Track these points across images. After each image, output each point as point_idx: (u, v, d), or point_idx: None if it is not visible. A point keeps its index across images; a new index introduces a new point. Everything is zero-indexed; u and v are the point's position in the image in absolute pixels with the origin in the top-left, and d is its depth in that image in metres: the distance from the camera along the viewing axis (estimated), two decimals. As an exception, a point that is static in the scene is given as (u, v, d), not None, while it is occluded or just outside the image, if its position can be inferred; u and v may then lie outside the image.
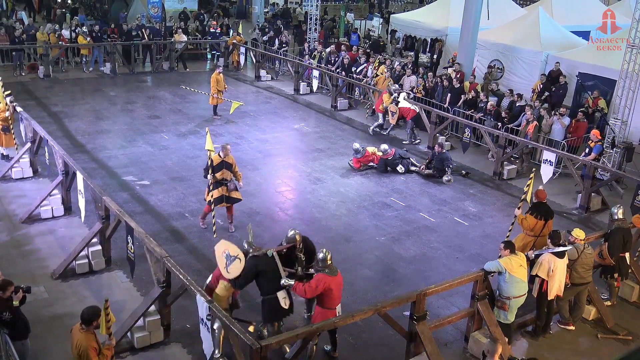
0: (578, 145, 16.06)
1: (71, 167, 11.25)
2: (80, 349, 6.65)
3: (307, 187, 14.29)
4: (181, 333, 8.88)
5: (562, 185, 15.30)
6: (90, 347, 6.69)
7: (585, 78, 18.18)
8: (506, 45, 20.73)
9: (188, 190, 13.60)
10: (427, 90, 19.74)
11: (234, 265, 8.04)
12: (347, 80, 21.14)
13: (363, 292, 10.23)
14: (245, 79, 24.56)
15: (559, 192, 14.77)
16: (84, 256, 10.27)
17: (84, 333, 6.74)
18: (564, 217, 13.58)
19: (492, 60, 21.04)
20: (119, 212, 9.49)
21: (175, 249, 11.07)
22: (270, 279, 8.16)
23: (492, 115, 17.24)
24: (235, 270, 8.04)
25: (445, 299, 10.09)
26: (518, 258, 8.59)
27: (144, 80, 23.44)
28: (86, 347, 6.65)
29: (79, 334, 6.75)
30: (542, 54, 19.87)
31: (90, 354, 6.67)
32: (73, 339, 6.80)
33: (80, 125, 17.48)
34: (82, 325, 6.77)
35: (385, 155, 15.41)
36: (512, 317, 8.74)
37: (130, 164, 14.96)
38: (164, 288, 8.45)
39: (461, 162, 16.46)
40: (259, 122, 18.91)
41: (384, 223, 12.77)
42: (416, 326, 8.07)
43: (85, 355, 6.65)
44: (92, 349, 6.69)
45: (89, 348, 6.67)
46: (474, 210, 13.70)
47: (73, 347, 6.76)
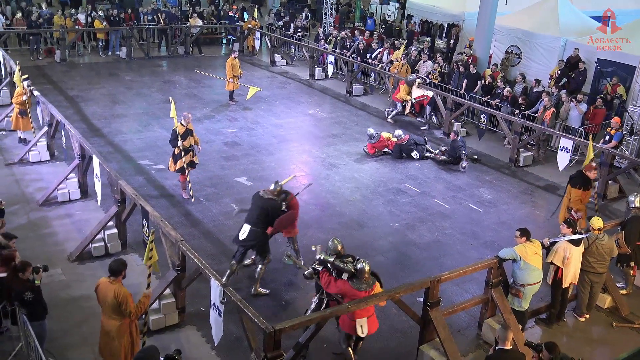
0: (596, 133, 15.89)
1: (87, 151, 11.33)
2: (120, 296, 7.01)
3: (321, 173, 14.29)
4: (196, 316, 8.97)
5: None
6: (128, 294, 7.07)
7: (604, 64, 17.93)
8: (524, 31, 20.47)
9: (203, 174, 13.66)
10: (443, 76, 19.58)
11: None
12: (362, 66, 21.04)
13: (376, 277, 10.24)
14: (260, 64, 24.51)
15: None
16: (100, 239, 10.38)
17: (117, 283, 7.10)
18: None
19: (510, 46, 20.81)
20: (134, 195, 9.56)
21: (190, 233, 11.15)
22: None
23: (509, 102, 17.09)
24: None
25: (459, 286, 10.07)
26: (533, 245, 8.54)
27: (160, 65, 23.48)
28: (125, 294, 7.04)
29: (111, 285, 7.09)
30: (561, 40, 19.61)
31: (129, 300, 7.05)
32: (105, 290, 7.12)
33: (96, 110, 17.58)
34: (110, 278, 7.13)
35: (400, 140, 15.35)
36: (526, 305, 8.72)
37: (145, 148, 15.05)
38: (178, 271, 8.52)
39: (476, 149, 16.35)
40: (274, 107, 18.89)
41: (398, 209, 12.75)
42: (430, 312, 8.07)
43: (125, 301, 7.02)
44: (129, 296, 7.08)
45: (127, 295, 7.05)
46: (489, 197, 13.63)
47: (108, 298, 7.05)
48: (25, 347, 7.56)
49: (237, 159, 14.74)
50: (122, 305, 7.03)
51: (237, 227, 11.55)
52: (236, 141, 15.92)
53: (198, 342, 8.53)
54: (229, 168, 14.21)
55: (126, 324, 7.22)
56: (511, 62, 20.30)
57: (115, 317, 7.16)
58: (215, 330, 7.53)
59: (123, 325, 7.20)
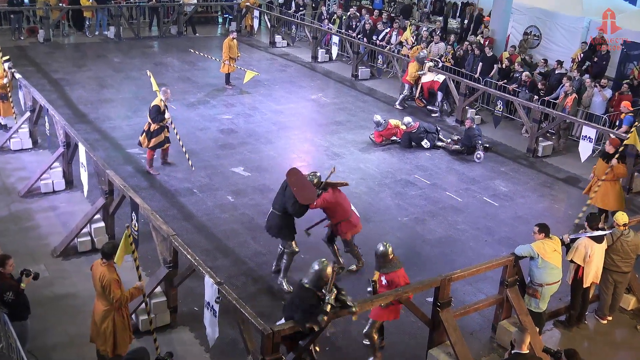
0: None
1: (73, 139, 11.33)
2: (104, 280, 7.28)
3: (324, 163, 14.27)
4: (188, 316, 8.99)
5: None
6: (113, 279, 7.27)
7: (631, 47, 17.83)
8: (544, 10, 20.35)
9: (197, 164, 13.64)
10: (457, 58, 19.52)
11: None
12: (369, 47, 20.96)
13: (383, 276, 10.24)
14: (259, 45, 24.45)
15: (598, 172, 14.62)
16: (86, 233, 10.39)
17: (106, 266, 7.34)
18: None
19: (529, 27, 20.69)
20: (123, 187, 9.56)
21: (182, 227, 11.16)
22: None
23: (527, 87, 17.02)
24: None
25: (472, 285, 10.08)
26: (552, 242, 8.53)
27: (150, 46, 23.44)
28: (110, 279, 7.25)
29: (100, 267, 7.37)
30: (584, 20, 19.49)
31: (113, 286, 7.25)
32: (95, 272, 7.46)
33: (83, 94, 17.56)
34: (102, 260, 7.42)
35: (409, 128, 15.32)
36: (544, 306, 8.72)
37: (135, 136, 14.95)
38: (170, 268, 8.53)
39: (492, 138, 16.32)
40: (274, 92, 18.85)
41: (406, 202, 12.74)
42: (440, 313, 8.07)
43: (108, 286, 7.23)
44: (114, 281, 7.29)
45: (112, 280, 7.28)
46: (505, 190, 13.61)
47: (96, 280, 7.39)
48: (6, 348, 7.57)
49: (234, 148, 14.72)
50: (105, 289, 7.26)
51: (232, 221, 11.63)
52: (232, 128, 15.90)
53: (191, 344, 8.54)
54: (224, 157, 14.20)
55: (110, 310, 7.41)
56: (530, 44, 20.20)
57: (101, 300, 7.42)
58: (210, 331, 7.54)
59: (108, 310, 7.42)
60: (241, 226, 11.48)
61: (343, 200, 9.84)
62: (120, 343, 7.54)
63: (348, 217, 9.82)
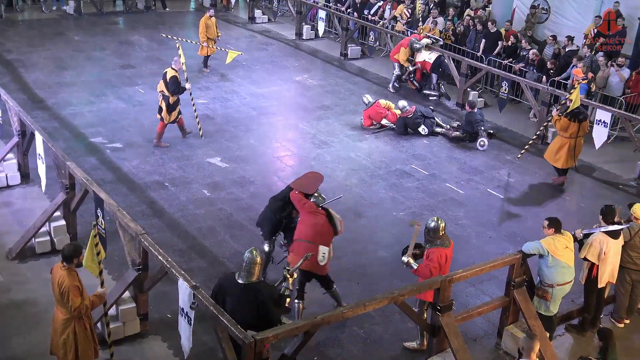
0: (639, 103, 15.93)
1: (29, 127, 11.25)
2: (63, 286, 7.15)
3: (310, 152, 14.27)
4: (160, 324, 8.96)
5: (618, 150, 15.26)
6: (73, 285, 7.16)
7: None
8: (553, -19, 20.37)
9: (168, 154, 13.60)
10: (457, 35, 19.54)
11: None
12: (359, 23, 20.93)
13: (377, 277, 10.28)
14: (236, 21, 24.36)
15: (614, 159, 14.73)
16: (45, 232, 10.33)
17: (66, 270, 7.22)
18: (620, 190, 13.55)
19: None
20: (86, 180, 9.51)
21: (153, 225, 11.13)
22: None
23: (535, 66, 17.08)
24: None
25: (475, 287, 10.13)
26: (564, 238, 8.57)
27: (115, 22, 23.29)
28: (69, 285, 7.13)
29: (60, 272, 7.25)
30: (598, -8, 19.54)
31: (72, 293, 7.14)
32: (54, 276, 7.31)
33: (39, 76, 17.44)
34: (63, 263, 7.27)
35: (404, 113, 15.34)
36: (554, 309, 8.76)
37: (99, 123, 14.96)
38: (140, 271, 8.49)
39: (496, 123, 16.38)
40: (253, 73, 18.80)
41: (402, 195, 12.77)
42: (440, 318, 8.10)
43: (67, 292, 7.12)
44: (74, 288, 7.18)
45: (71, 286, 7.13)
46: (511, 181, 13.67)
47: (55, 285, 7.25)
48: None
49: (210, 136, 14.68)
50: (63, 296, 7.17)
51: (208, 217, 11.61)
52: (208, 114, 15.85)
53: (164, 354, 8.52)
54: (199, 147, 14.16)
55: (70, 320, 7.34)
56: (537, 19, 20.22)
57: (61, 308, 7.35)
58: (185, 340, 7.53)
59: (67, 320, 7.34)
60: (218, 223, 11.46)
61: (309, 226, 8.99)
62: (82, 356, 7.45)
63: (302, 239, 8.97)
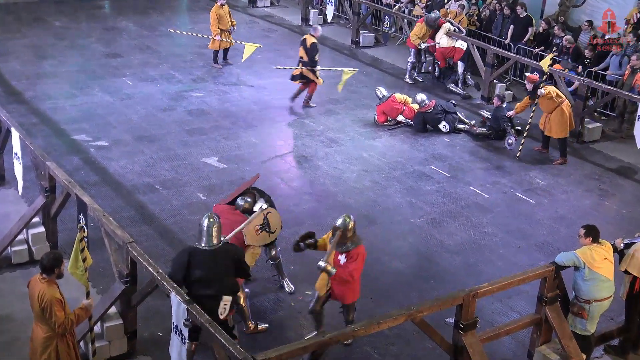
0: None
1: (4, 123, 11.27)
2: (44, 300, 7.09)
3: (318, 151, 14.27)
4: (151, 343, 8.96)
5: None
6: (55, 299, 7.13)
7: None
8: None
9: (159, 153, 13.62)
10: (482, 20, 19.51)
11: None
12: (373, 7, 20.94)
13: (392, 291, 10.27)
14: (235, 5, 24.36)
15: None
16: (22, 241, 10.34)
17: (46, 283, 7.19)
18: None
19: (571, -20, 20.72)
20: (67, 182, 9.52)
21: (142, 232, 11.15)
22: None
23: (570, 56, 17.04)
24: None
25: (503, 302, 10.10)
26: (602, 248, 8.53)
27: (100, 7, 23.35)
28: (50, 299, 7.08)
29: (39, 284, 7.20)
30: (640, -29, 19.50)
31: (55, 307, 7.10)
32: (33, 290, 7.27)
33: (16, 67, 17.49)
34: (42, 275, 7.23)
35: (423, 107, 15.32)
36: (592, 327, 8.73)
37: (82, 119, 14.99)
38: (127, 284, 8.50)
39: (525, 119, 16.32)
40: (255, 63, 18.78)
41: (421, 200, 12.76)
42: (463, 337, 8.08)
43: (49, 307, 7.08)
44: (57, 302, 7.14)
45: (53, 300, 7.09)
46: (542, 184, 13.64)
47: (34, 300, 7.19)
48: None
49: (205, 133, 14.70)
50: (45, 312, 7.13)
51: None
52: (204, 109, 15.88)
53: (154, 377, 8.56)
54: (193, 145, 14.17)
55: (52, 337, 7.30)
56: (573, 2, 20.20)
57: (41, 324, 7.30)
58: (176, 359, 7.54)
59: (49, 337, 7.30)
60: (215, 230, 11.46)
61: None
62: None
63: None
